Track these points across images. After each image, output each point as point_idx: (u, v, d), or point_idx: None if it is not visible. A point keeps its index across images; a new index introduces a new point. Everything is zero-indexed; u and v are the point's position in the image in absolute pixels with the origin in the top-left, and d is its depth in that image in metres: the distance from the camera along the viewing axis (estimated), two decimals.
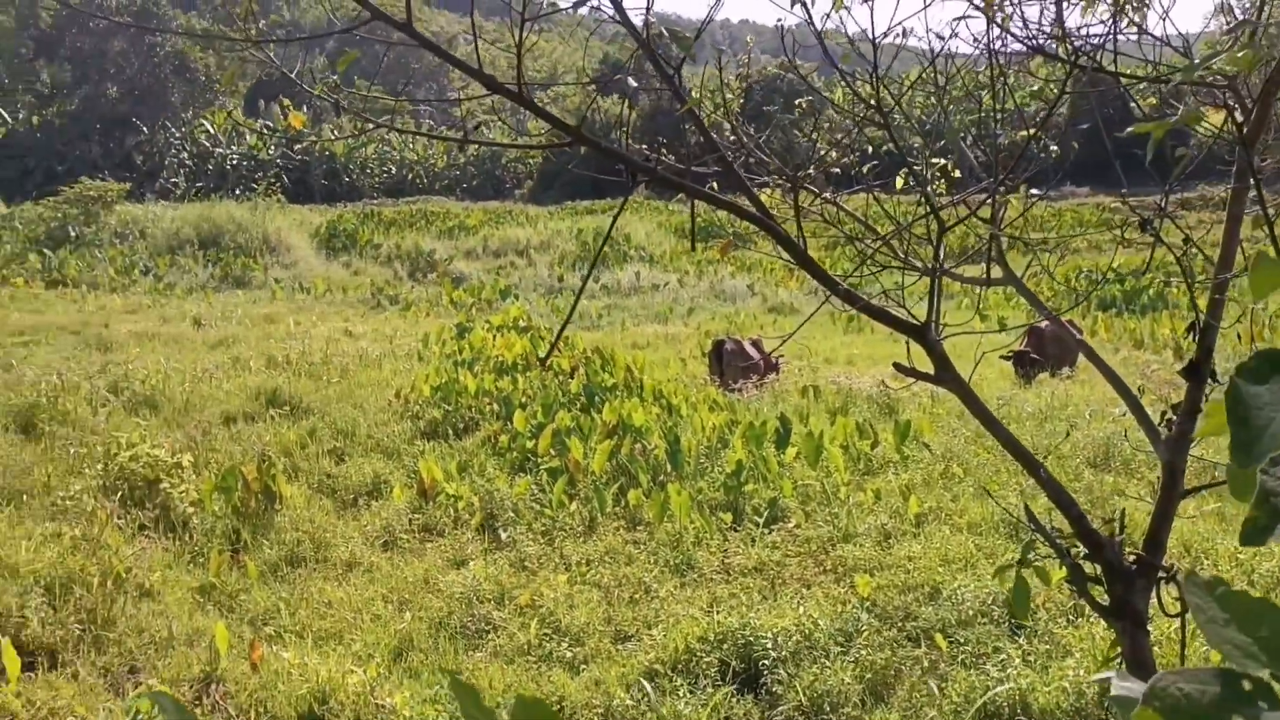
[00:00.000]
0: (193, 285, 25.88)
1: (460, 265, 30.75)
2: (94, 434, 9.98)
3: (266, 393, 11.99)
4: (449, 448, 10.52)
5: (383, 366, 13.99)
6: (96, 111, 52.80)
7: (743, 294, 26.36)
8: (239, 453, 9.98)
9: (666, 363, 15.76)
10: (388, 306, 23.49)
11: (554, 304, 24.43)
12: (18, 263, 26.64)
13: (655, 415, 11.09)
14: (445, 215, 41.51)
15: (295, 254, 31.22)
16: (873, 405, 12.38)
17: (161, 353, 14.86)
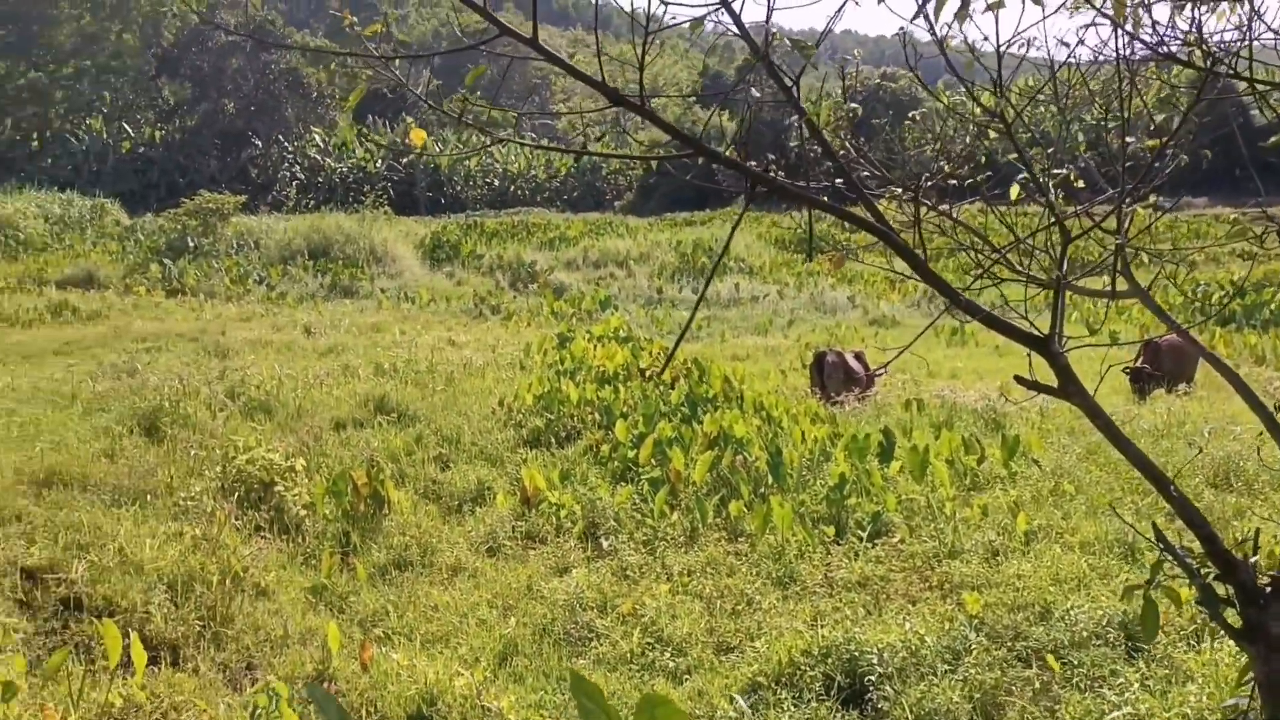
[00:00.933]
0: (303, 294, 26.62)
1: (561, 276, 31.05)
2: (213, 437, 10.35)
3: (375, 400, 12.29)
4: (551, 456, 10.64)
5: (486, 375, 14.20)
6: (215, 127, 54.85)
7: (843, 306, 26.11)
8: (348, 458, 10.24)
9: (766, 375, 15.69)
10: (490, 316, 23.84)
11: (653, 315, 24.52)
12: (140, 272, 27.74)
13: (756, 427, 11.05)
14: (546, 226, 42.01)
15: (401, 264, 31.89)
16: (978, 420, 12.13)
17: (275, 359, 15.33)
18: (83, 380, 13.10)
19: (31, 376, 13.68)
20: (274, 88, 55.54)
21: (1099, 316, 20.96)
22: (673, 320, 23.64)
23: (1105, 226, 3.07)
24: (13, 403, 11.60)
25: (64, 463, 8.99)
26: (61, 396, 12.13)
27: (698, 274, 31.77)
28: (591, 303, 25.19)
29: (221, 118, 54.73)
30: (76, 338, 18.21)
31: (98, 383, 12.86)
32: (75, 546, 7.22)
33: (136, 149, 54.51)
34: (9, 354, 16.06)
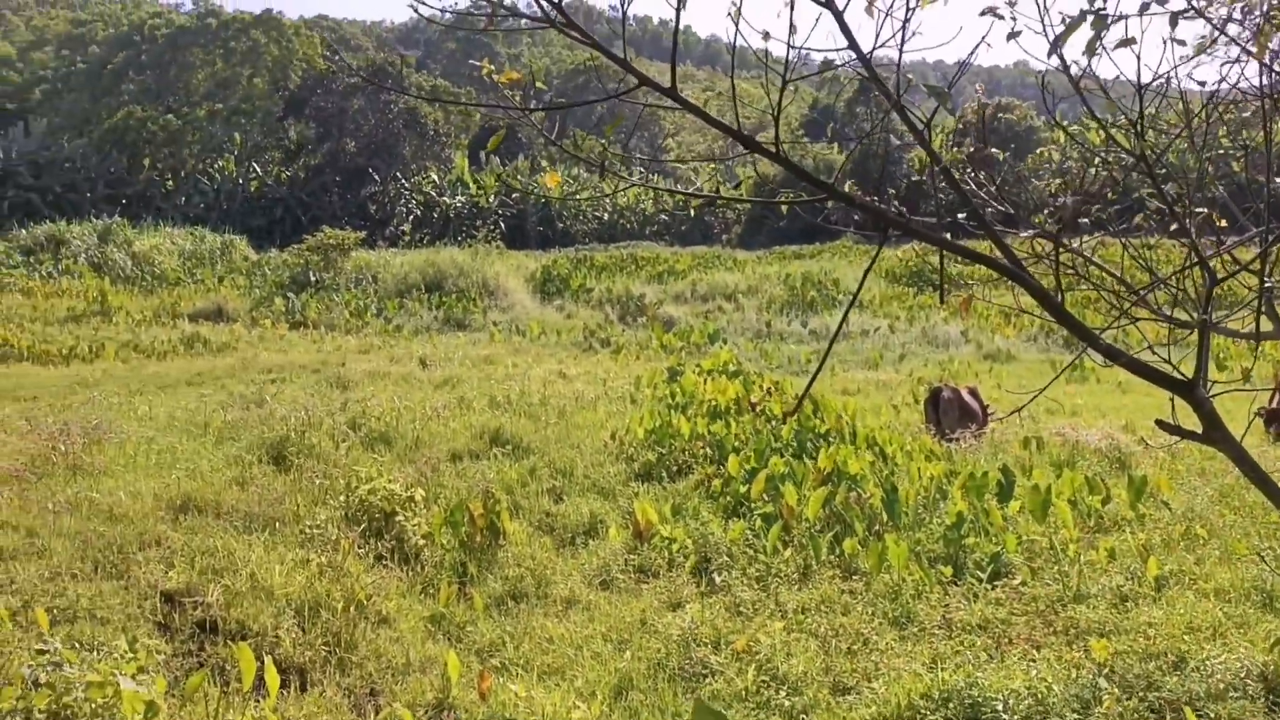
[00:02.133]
0: (418, 327, 27.33)
1: (669, 309, 31.22)
2: (336, 467, 10.67)
3: (490, 432, 12.52)
4: (663, 490, 10.68)
5: (597, 408, 14.34)
6: (337, 165, 56.90)
7: (956, 340, 25.63)
8: (465, 489, 10.44)
9: (878, 410, 15.49)
10: (599, 349, 24.09)
11: (762, 348, 24.44)
12: (266, 305, 28.86)
13: (869, 463, 10.91)
14: (655, 260, 42.32)
15: (512, 298, 32.50)
16: (1102, 460, 11.77)
17: (392, 391, 15.74)
18: (214, 410, 13.66)
19: (167, 405, 14.31)
20: (393, 126, 57.37)
21: (1232, 355, 20.17)
22: (781, 354, 23.52)
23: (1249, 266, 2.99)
24: (152, 431, 12.15)
25: (199, 489, 9.37)
26: (195, 425, 12.66)
27: (807, 307, 31.59)
28: (700, 336, 25.24)
29: (343, 156, 56.75)
30: (207, 368, 19.01)
31: (228, 412, 13.38)
32: (210, 571, 7.53)
33: (264, 187, 56.89)
34: (147, 384, 16.85)
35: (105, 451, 10.79)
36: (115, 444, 11.14)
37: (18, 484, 9.35)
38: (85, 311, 26.41)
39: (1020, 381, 19.83)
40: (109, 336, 22.81)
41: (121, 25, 60.33)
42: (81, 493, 9.09)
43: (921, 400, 14.71)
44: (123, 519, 8.50)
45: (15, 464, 10.05)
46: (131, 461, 10.50)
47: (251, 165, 57.90)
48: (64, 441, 10.73)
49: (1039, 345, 24.93)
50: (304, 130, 58.87)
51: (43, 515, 8.45)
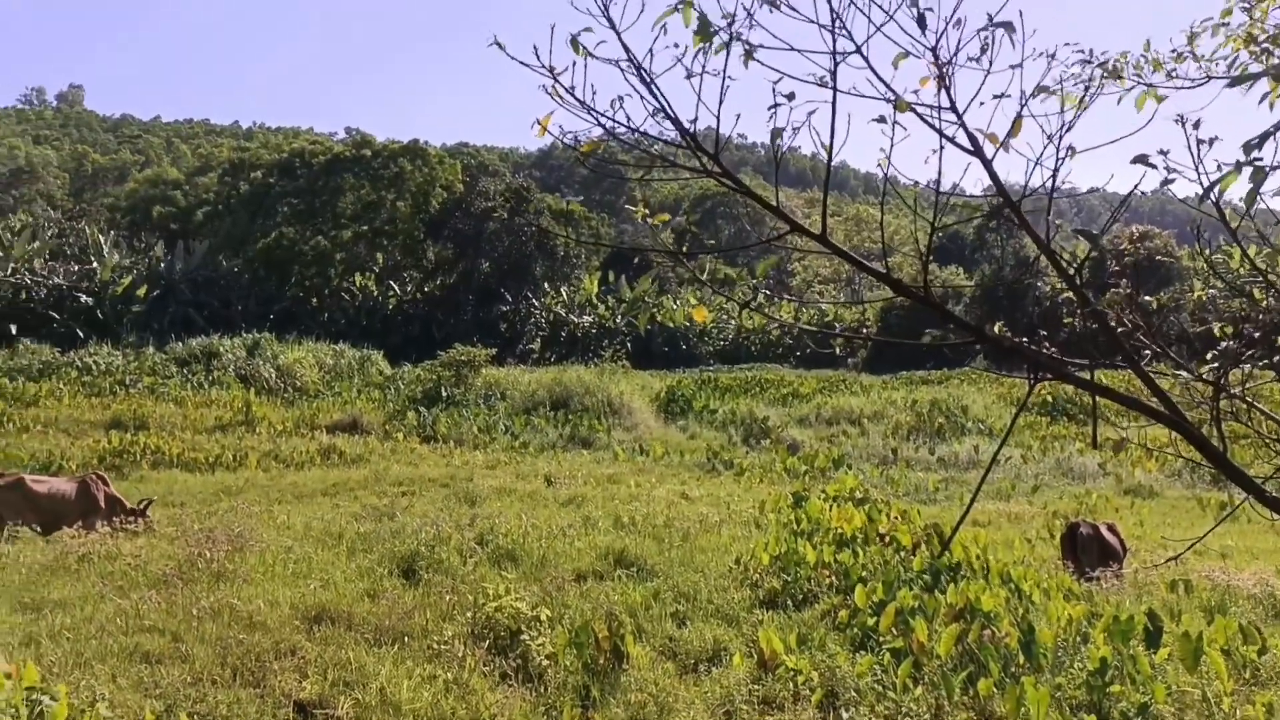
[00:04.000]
0: (544, 444, 27.75)
1: (793, 432, 31.01)
2: (463, 582, 10.83)
3: (614, 552, 12.55)
4: (788, 619, 10.48)
5: (721, 532, 14.26)
6: (471, 284, 59.01)
7: (1093, 473, 24.71)
8: (589, 610, 10.44)
9: (1011, 543, 14.99)
10: (723, 471, 24.01)
11: (888, 475, 23.99)
12: (399, 419, 29.76)
13: (1004, 599, 10.52)
14: (779, 382, 42.25)
15: (636, 417, 32.77)
16: (1256, 606, 11.11)
17: (519, 508, 15.97)
18: (348, 521, 14.08)
19: (304, 515, 14.81)
20: (525, 248, 59.35)
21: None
22: (909, 482, 23.04)
23: None
24: (290, 540, 12.57)
25: (332, 600, 9.63)
26: (330, 536, 13.05)
27: (935, 434, 30.98)
28: (825, 461, 24.94)
29: (477, 276, 58.85)
30: (342, 479, 19.63)
31: (361, 524, 13.76)
32: (342, 683, 7.68)
33: (401, 305, 59.28)
34: (285, 493, 17.49)
35: (246, 559, 11.20)
36: (256, 552, 11.56)
37: (165, 588, 9.77)
38: (231, 421, 27.67)
39: (1164, 520, 18.93)
40: (252, 446, 23.82)
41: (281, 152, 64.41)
42: (223, 599, 9.43)
43: (1057, 535, 14.18)
44: (261, 627, 8.77)
45: (164, 568, 10.51)
46: (270, 570, 10.87)
47: (390, 284, 60.50)
48: (209, 548, 11.20)
49: (1183, 481, 23.82)
50: (441, 251, 61.40)
51: (187, 620, 8.79)
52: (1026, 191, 2.68)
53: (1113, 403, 2.88)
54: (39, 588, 10.28)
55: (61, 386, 31.29)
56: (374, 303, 59.85)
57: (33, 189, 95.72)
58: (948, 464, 26.76)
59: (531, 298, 58.67)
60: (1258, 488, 2.53)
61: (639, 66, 2.63)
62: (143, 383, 33.28)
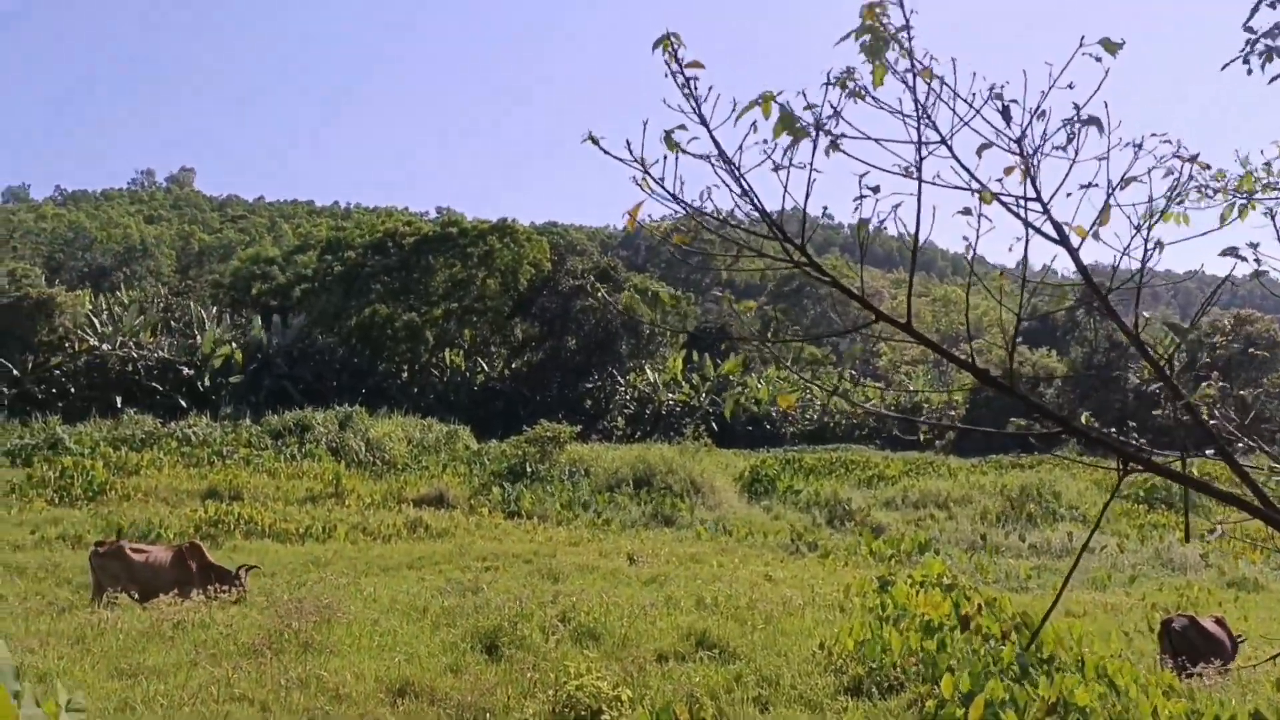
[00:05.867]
0: (626, 521, 27.70)
1: (878, 515, 30.49)
2: (545, 660, 10.83)
3: (696, 633, 12.43)
4: (874, 707, 10.26)
5: (805, 615, 14.05)
6: (557, 361, 59.78)
7: (1194, 564, 23.77)
8: (670, 691, 10.33)
9: (1107, 636, 14.43)
10: (806, 553, 23.69)
11: (977, 561, 23.39)
12: (484, 494, 30.04)
13: (1100, 695, 10.14)
14: (864, 463, 41.68)
15: (719, 496, 32.54)
16: None
17: (601, 585, 15.94)
18: (432, 595, 14.21)
19: (390, 588, 14.99)
20: (611, 326, 60.01)
21: None
22: (998, 569, 22.43)
23: None
24: (376, 613, 12.73)
25: (416, 674, 9.71)
26: (415, 609, 13.18)
27: (1024, 520, 30.19)
28: (911, 544, 24.44)
29: (564, 353, 59.61)
30: (427, 553, 19.84)
31: (445, 598, 13.87)
32: None
33: (488, 380, 60.18)
34: (371, 565, 17.74)
35: (334, 630, 11.37)
36: (343, 624, 11.73)
37: (255, 658, 9.96)
38: (321, 493, 28.23)
39: (1270, 614, 18.11)
40: (340, 518, 24.24)
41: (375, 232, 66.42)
42: (311, 670, 9.58)
43: (1156, 628, 13.67)
44: (347, 699, 8.88)
45: (254, 638, 10.73)
46: (356, 642, 11.01)
47: (478, 360, 61.55)
48: (297, 619, 11.40)
49: None
50: (529, 328, 62.39)
51: (275, 690, 8.94)
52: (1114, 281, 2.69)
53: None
54: (135, 654, 10.56)
55: (162, 456, 32.31)
56: (462, 378, 60.90)
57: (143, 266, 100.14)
58: (1040, 551, 26.00)
59: (616, 375, 59.11)
60: None
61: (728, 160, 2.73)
62: (238, 453, 34.21)
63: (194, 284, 77.72)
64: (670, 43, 2.74)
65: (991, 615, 13.64)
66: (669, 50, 2.74)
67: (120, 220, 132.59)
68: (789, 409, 4.51)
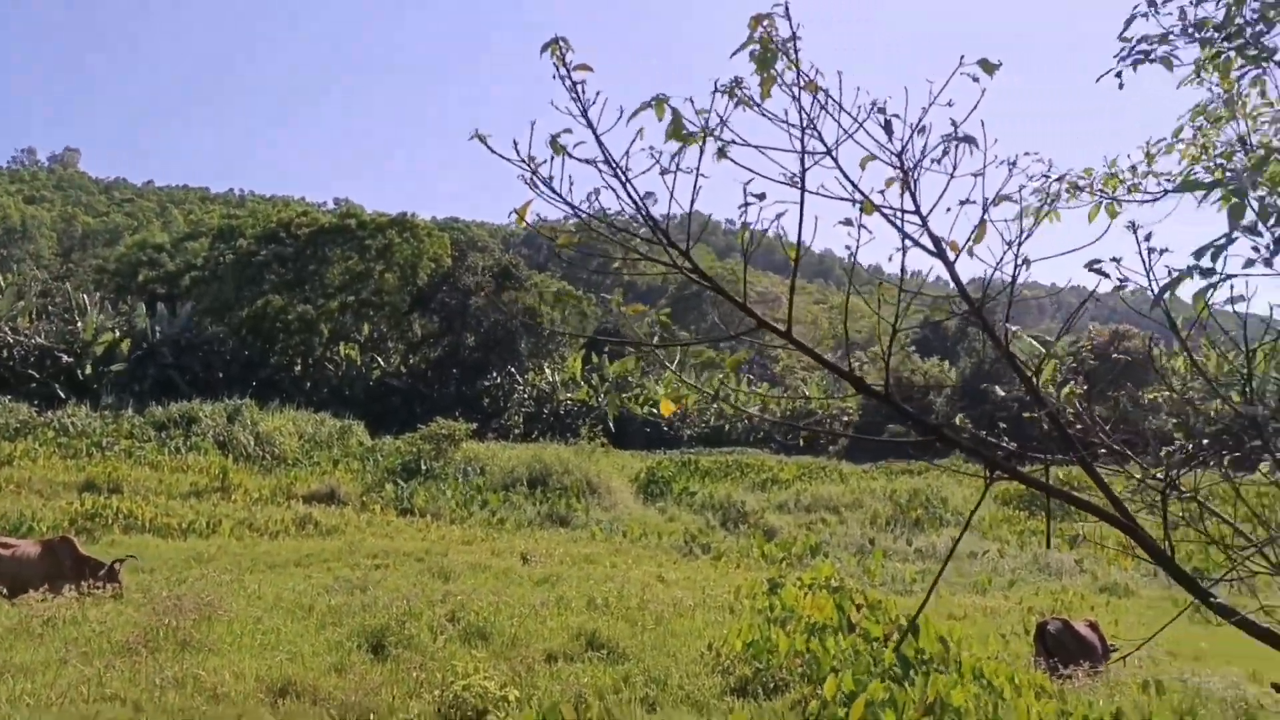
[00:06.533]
0: (521, 521, 27.56)
1: (771, 518, 30.92)
2: (433, 660, 10.71)
3: (586, 634, 12.44)
4: (759, 707, 10.40)
5: (696, 617, 14.17)
6: (455, 358, 59.16)
7: (1070, 569, 24.66)
8: (558, 691, 10.32)
9: (985, 638, 14.90)
10: (700, 554, 23.89)
11: (865, 565, 23.88)
12: (376, 491, 29.56)
13: (975, 695, 10.45)
14: (759, 467, 42.22)
15: (614, 497, 32.61)
16: (1227, 710, 11.08)
17: (492, 585, 15.83)
18: (319, 593, 13.92)
19: (275, 585, 14.65)
20: (511, 324, 59.66)
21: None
22: (885, 572, 22.94)
23: None
24: (259, 610, 12.43)
25: (298, 674, 9.51)
26: (300, 607, 12.91)
27: (913, 525, 30.95)
28: (802, 548, 24.88)
29: (462, 350, 59.03)
30: (316, 550, 19.44)
31: (332, 596, 13.62)
32: None
33: (384, 376, 59.25)
34: (257, 562, 17.31)
35: (214, 629, 11.07)
36: (224, 621, 11.43)
37: (130, 656, 9.63)
38: (207, 487, 27.44)
39: (1139, 619, 18.88)
40: (226, 513, 23.59)
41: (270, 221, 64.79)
42: (188, 669, 9.30)
43: (1032, 631, 14.16)
44: (225, 699, 8.65)
45: (129, 636, 10.37)
46: (238, 640, 10.74)
47: (374, 355, 60.56)
48: (176, 616, 11.07)
49: (1160, 580, 23.76)
50: (428, 324, 61.62)
51: (150, 690, 8.66)
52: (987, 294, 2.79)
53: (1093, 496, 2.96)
54: (1, 651, 10.12)
55: (37, 447, 31.02)
56: (358, 373, 59.84)
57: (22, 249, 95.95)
58: (925, 555, 26.66)
59: (515, 374, 58.77)
60: (1204, 591, 2.60)
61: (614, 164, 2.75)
62: (119, 445, 33.03)
63: (76, 268, 74.83)
64: (558, 47, 2.75)
65: (875, 617, 13.97)
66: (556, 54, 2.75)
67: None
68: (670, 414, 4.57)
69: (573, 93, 2.70)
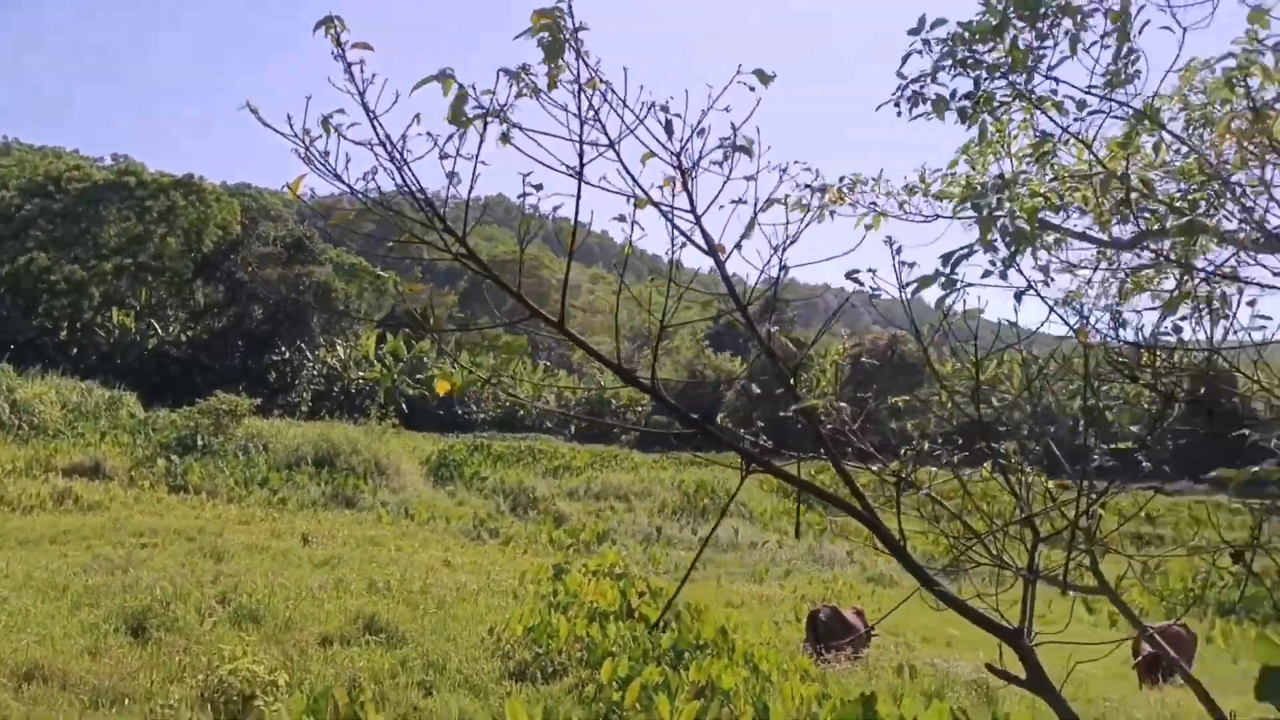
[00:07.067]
0: (304, 501, 26.70)
1: (562, 505, 31.16)
2: (199, 643, 10.27)
3: (365, 618, 12.21)
4: (536, 691, 10.49)
5: (479, 601, 14.14)
6: (241, 330, 56.51)
7: (841, 560, 26.02)
8: (332, 676, 10.10)
9: (760, 625, 15.54)
10: (488, 539, 23.83)
11: (650, 552, 24.44)
12: (147, 466, 27.92)
13: (744, 679, 10.90)
14: (552, 454, 42.43)
15: (404, 479, 32.05)
16: (971, 691, 11.97)
17: (269, 567, 15.30)
18: (75, 572, 13.10)
19: (26, 564, 13.69)
20: (303, 298, 57.55)
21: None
22: (669, 560, 23.54)
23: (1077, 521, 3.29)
24: (6, 590, 11.58)
25: (47, 657, 8.93)
26: (53, 587, 12.11)
27: (699, 514, 31.84)
28: (590, 535, 25.20)
29: (248, 322, 56.48)
30: (75, 526, 18.24)
31: (90, 576, 12.85)
32: None
33: (163, 345, 55.97)
34: (7, 539, 16.10)
35: None
36: None
37: None
38: None
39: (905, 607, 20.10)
40: None
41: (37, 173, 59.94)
42: None
43: (803, 618, 14.86)
44: None
45: None
46: None
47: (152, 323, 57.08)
48: None
49: None
50: (212, 293, 58.64)
51: None
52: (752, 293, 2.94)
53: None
54: None
55: None
56: (132, 340, 56.21)
57: None
58: (709, 544, 27.53)
59: (305, 350, 56.74)
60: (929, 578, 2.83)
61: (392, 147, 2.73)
62: None
63: None
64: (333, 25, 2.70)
65: (654, 604, 14.34)
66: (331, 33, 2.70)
67: None
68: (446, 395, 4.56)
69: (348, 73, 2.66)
